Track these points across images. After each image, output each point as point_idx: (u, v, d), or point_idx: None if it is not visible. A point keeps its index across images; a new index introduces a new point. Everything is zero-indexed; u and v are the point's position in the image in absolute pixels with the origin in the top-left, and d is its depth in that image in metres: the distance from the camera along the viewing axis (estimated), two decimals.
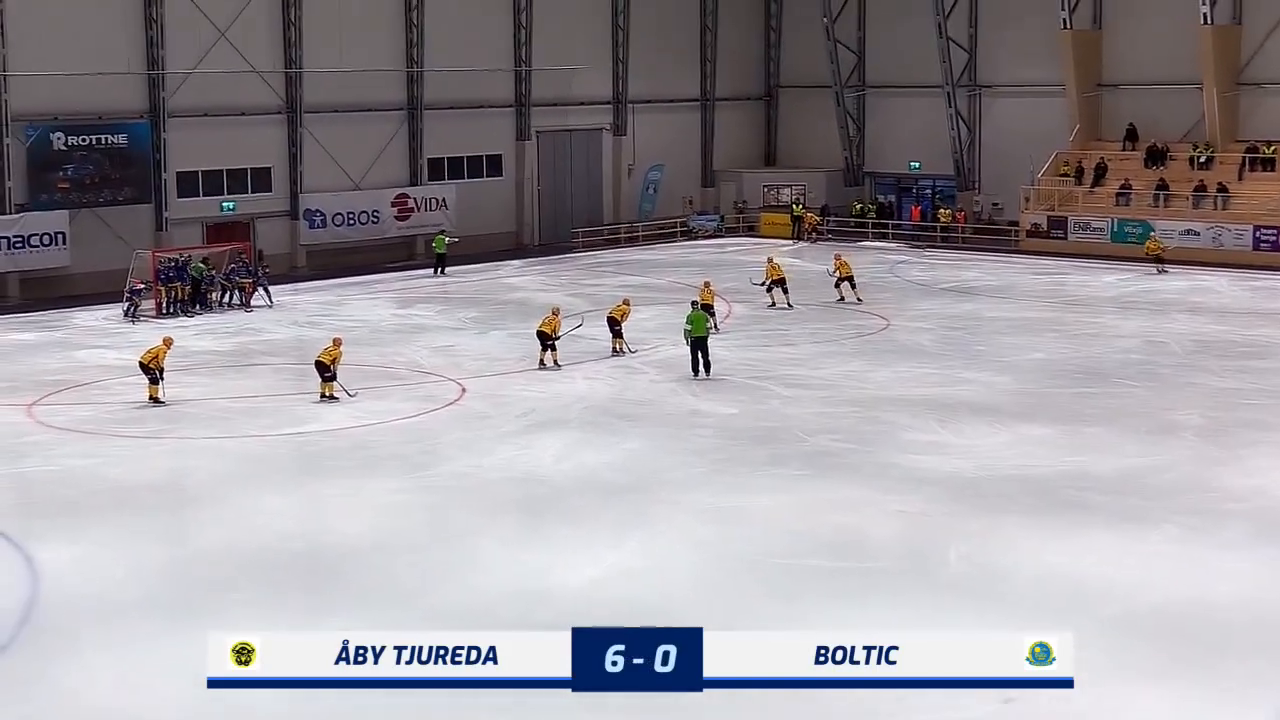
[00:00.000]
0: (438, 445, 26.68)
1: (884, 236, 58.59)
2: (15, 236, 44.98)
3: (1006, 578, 19.31)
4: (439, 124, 54.98)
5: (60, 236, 45.77)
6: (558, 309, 35.04)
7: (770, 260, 43.99)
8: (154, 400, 30.13)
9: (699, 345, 32.03)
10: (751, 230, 60.79)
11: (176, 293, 42.42)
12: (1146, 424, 27.70)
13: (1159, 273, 44.66)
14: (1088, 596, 18.53)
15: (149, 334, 36.98)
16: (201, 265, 43.29)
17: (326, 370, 30.34)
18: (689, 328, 32.04)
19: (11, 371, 34.03)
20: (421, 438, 27.24)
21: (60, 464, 25.73)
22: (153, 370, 30.31)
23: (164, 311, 41.68)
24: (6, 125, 44.72)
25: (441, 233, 51.15)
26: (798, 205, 60.52)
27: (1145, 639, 17.24)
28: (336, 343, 31.06)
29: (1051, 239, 53.81)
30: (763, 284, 42.43)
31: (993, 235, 56.60)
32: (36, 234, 45.36)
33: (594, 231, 58.73)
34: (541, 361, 33.39)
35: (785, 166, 65.55)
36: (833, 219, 60.25)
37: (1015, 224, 56.13)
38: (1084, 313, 40.90)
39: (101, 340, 38.27)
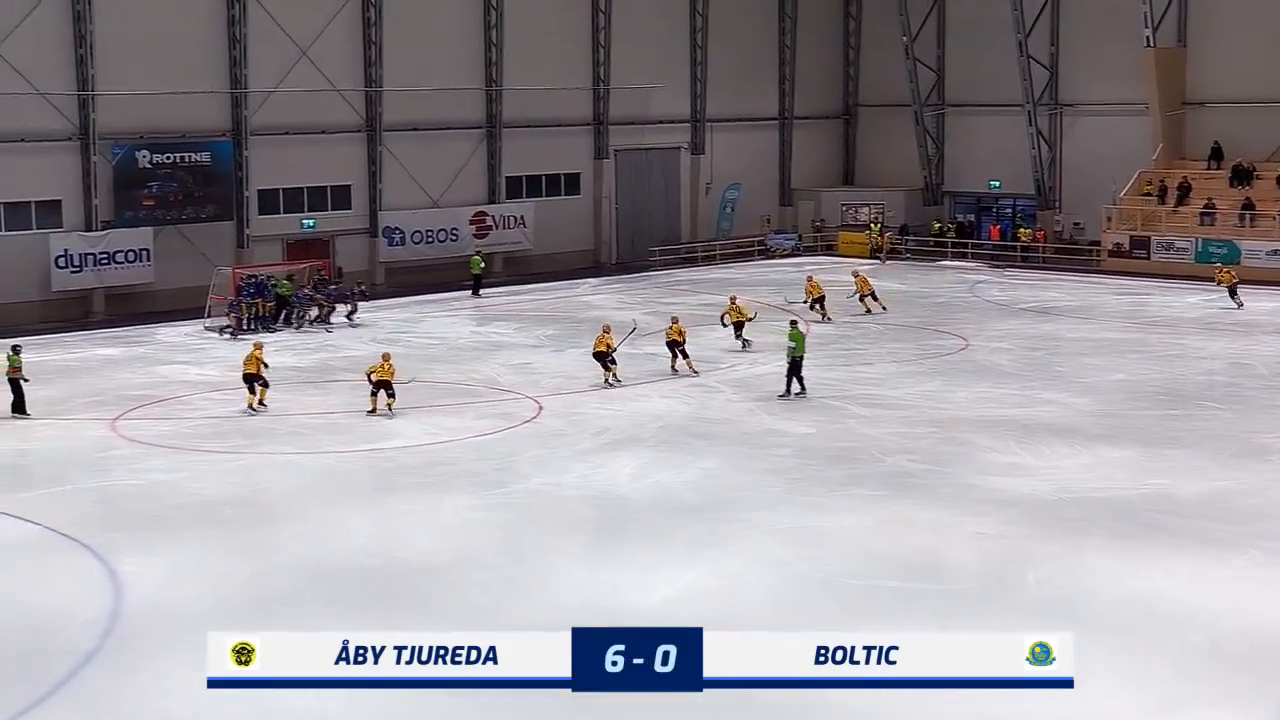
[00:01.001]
0: (514, 463, 26.78)
1: (963, 256, 58.23)
2: (101, 253, 45.68)
3: (1086, 602, 19.10)
4: (517, 142, 55.28)
5: (144, 253, 46.41)
6: (608, 326, 35.07)
7: (810, 279, 44.24)
8: (251, 409, 30.90)
9: (797, 366, 31.89)
10: (830, 249, 60.61)
11: (257, 309, 42.87)
12: (1231, 447, 27.33)
13: (1238, 307, 43.77)
14: (1170, 622, 18.29)
15: (235, 350, 37.44)
16: (287, 282, 43.68)
17: (385, 386, 30.77)
18: (792, 345, 31.86)
19: (97, 386, 34.54)
20: (498, 455, 27.35)
21: (143, 478, 26.08)
22: (258, 378, 31.14)
23: (244, 328, 42.12)
24: (94, 143, 45.43)
25: (476, 254, 50.94)
26: (875, 224, 60.29)
27: (1229, 666, 16.98)
28: (386, 358, 31.45)
29: (1134, 259, 53.25)
30: (804, 302, 42.45)
31: (1074, 255, 56.11)
32: (121, 250, 46.02)
33: (671, 250, 58.77)
34: (606, 381, 33.49)
35: (864, 185, 65.29)
36: (911, 238, 59.96)
37: (1097, 244, 55.60)
38: (1167, 334, 40.42)
39: (183, 356, 38.75)
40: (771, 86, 63.47)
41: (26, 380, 31.15)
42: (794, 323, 32.97)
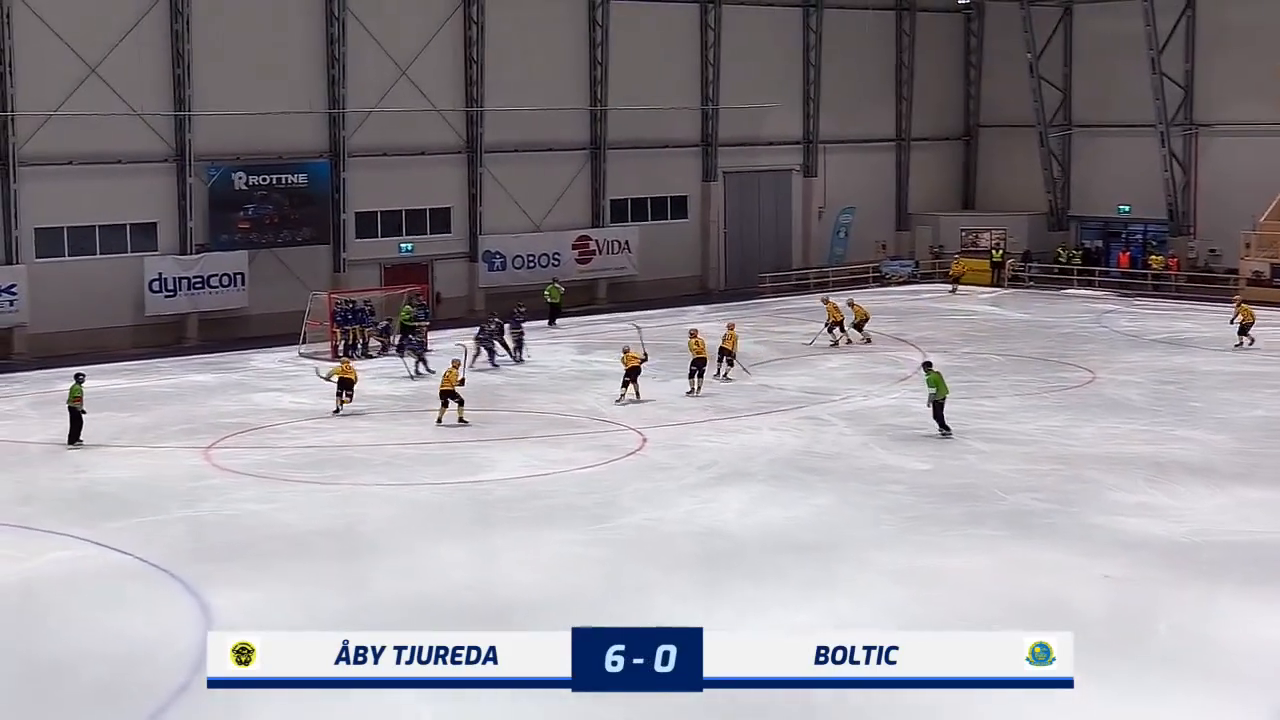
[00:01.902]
0: (616, 496, 26.81)
1: (1090, 284, 57.55)
2: (195, 277, 46.45)
3: (1222, 652, 18.73)
4: (622, 164, 55.53)
5: (239, 277, 47.13)
6: (627, 347, 36.09)
7: (828, 300, 44.15)
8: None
9: (939, 408, 31.32)
10: (948, 276, 60.18)
11: (351, 336, 43.25)
12: None
13: None
14: None
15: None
16: (410, 307, 43.80)
17: (455, 397, 32.45)
18: (933, 390, 31.40)
19: (190, 414, 35.08)
20: (599, 488, 27.40)
21: (236, 508, 26.43)
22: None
23: (339, 356, 42.44)
24: (190, 165, 46.25)
25: (553, 282, 50.65)
26: (997, 251, 59.78)
27: None
28: (456, 365, 33.16)
29: (1274, 287, 52.30)
30: (825, 328, 42.24)
31: (1209, 283, 55.25)
32: (216, 274, 46.77)
33: (782, 276, 58.67)
34: (635, 396, 35.21)
35: (985, 210, 64.77)
36: (1035, 265, 59.38)
37: (1234, 271, 54.70)
38: None
39: (277, 383, 39.22)
40: (888, 106, 63.25)
41: (85, 412, 31.61)
42: (928, 365, 32.55)
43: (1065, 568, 22.22)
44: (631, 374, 35.53)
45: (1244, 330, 42.50)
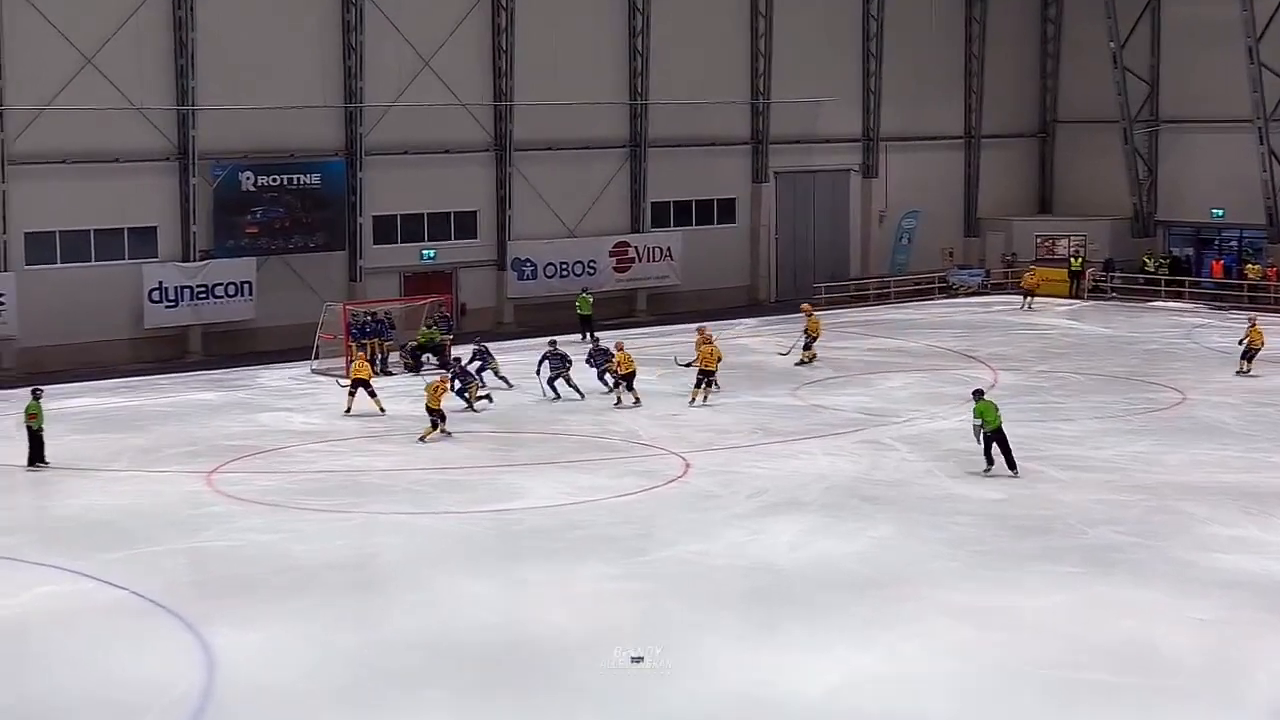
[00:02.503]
0: (657, 527, 26.77)
1: (1179, 296, 57.26)
2: (199, 286, 46.66)
3: None
4: (664, 163, 55.57)
5: (246, 286, 47.35)
6: (620, 344, 38.77)
7: (810, 313, 43.99)
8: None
9: (997, 438, 30.01)
10: (1019, 288, 59.92)
11: (370, 350, 43.21)
12: None
13: None
14: None
15: (344, 397, 37.92)
16: (425, 329, 43.59)
17: (441, 415, 33.76)
18: (978, 422, 30.09)
19: (192, 435, 35.18)
20: (639, 519, 27.36)
21: (241, 539, 26.46)
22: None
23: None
24: (193, 164, 46.47)
25: (584, 292, 50.64)
26: (1076, 259, 59.55)
27: None
28: (443, 380, 34.78)
29: None
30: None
31: None
32: (221, 283, 47.01)
33: (838, 287, 58.58)
34: (619, 400, 37.53)
35: (1062, 214, 64.59)
36: (1118, 275, 59.10)
37: None
38: None
39: (287, 402, 39.32)
40: (956, 100, 63.14)
41: (43, 429, 31.77)
42: (979, 393, 30.96)
43: (1152, 609, 22.04)
44: (628, 379, 37.61)
45: (1248, 355, 41.62)
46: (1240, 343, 42.02)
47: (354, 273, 49.55)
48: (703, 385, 37.99)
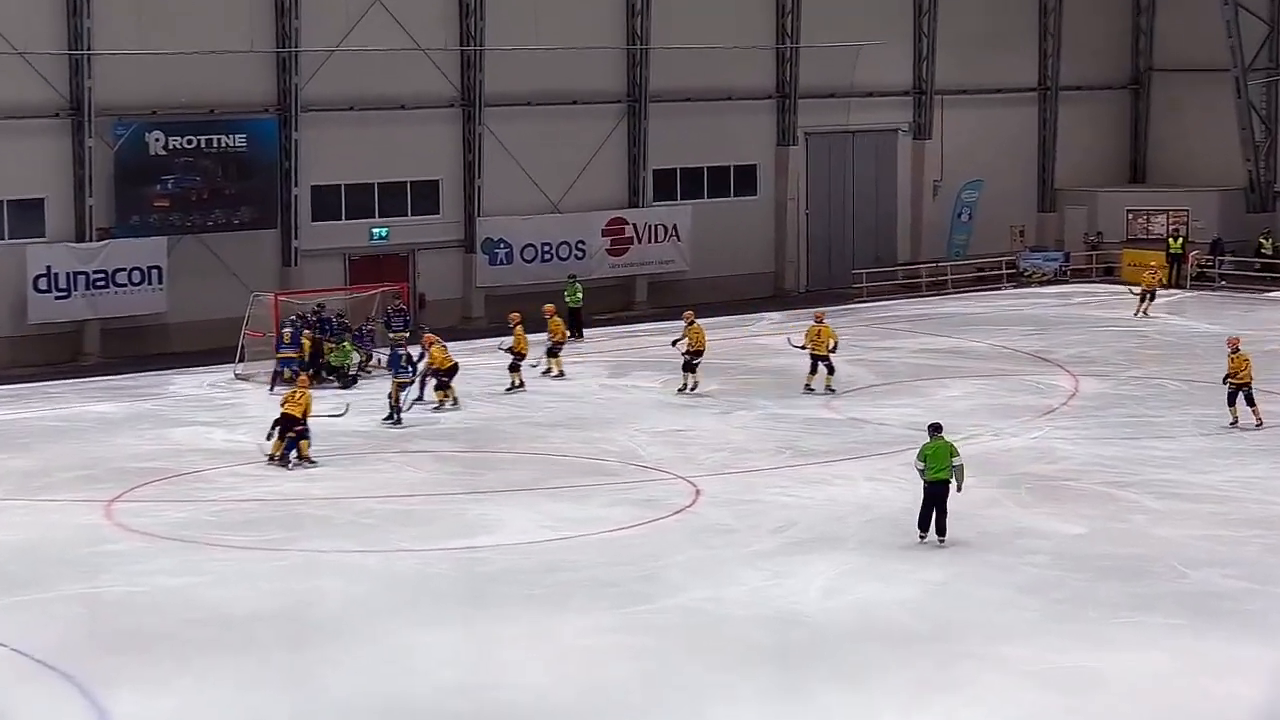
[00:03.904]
0: (660, 568, 26.76)
1: None
2: (96, 272, 46.64)
3: None
4: (669, 122, 55.57)
5: (154, 273, 47.34)
6: (431, 337, 40.03)
7: (821, 320, 42.86)
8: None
9: (934, 495, 28.06)
10: (1110, 274, 59.97)
11: (307, 350, 42.97)
12: None
13: None
14: None
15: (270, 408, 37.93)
16: (345, 349, 43.34)
17: (298, 423, 33.46)
18: (920, 466, 28.19)
19: (87, 456, 35.14)
20: (638, 558, 27.35)
21: (148, 583, 26.41)
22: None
23: (286, 379, 42.41)
24: (89, 122, 46.41)
25: (572, 279, 50.73)
26: (1176, 239, 59.55)
27: None
28: (303, 383, 34.82)
29: None
30: (801, 346, 41.38)
31: None
32: (124, 269, 46.98)
33: (883, 274, 58.60)
34: (514, 383, 41.10)
35: (1159, 184, 64.58)
36: (1228, 259, 59.08)
37: None
38: None
39: (205, 415, 39.30)
40: (1029, 44, 63.20)
41: None
42: (936, 429, 28.64)
43: (1267, 669, 22.05)
44: (449, 374, 39.24)
45: None
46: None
47: (288, 256, 49.56)
48: (690, 369, 40.34)
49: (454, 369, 39.49)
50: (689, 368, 40.69)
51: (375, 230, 51.34)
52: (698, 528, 29.15)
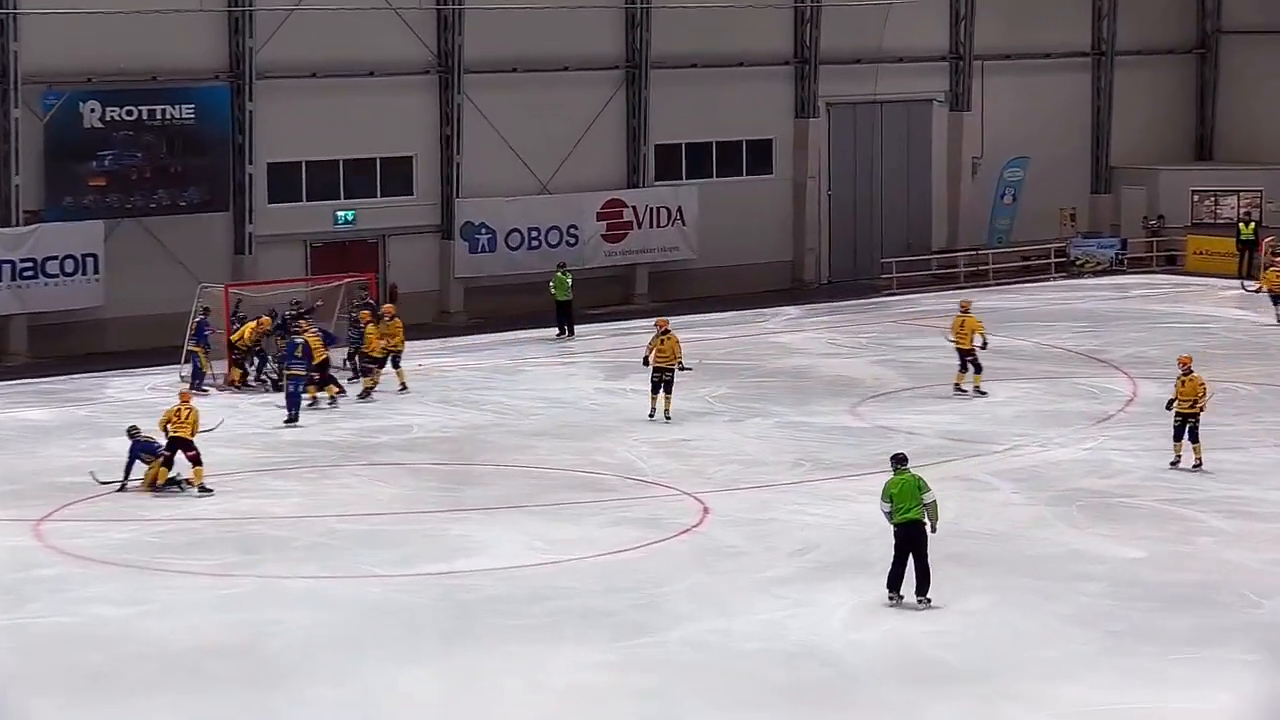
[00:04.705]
0: (662, 596, 26.77)
1: None
2: (24, 260, 46.67)
3: None
4: (673, 91, 55.60)
5: (90, 261, 47.35)
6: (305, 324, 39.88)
7: (965, 311, 42.64)
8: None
9: (909, 538, 26.60)
10: (1172, 262, 59.96)
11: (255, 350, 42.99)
12: None
13: None
14: None
15: (239, 416, 37.97)
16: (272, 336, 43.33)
17: (190, 446, 33.06)
18: (886, 507, 27.01)
19: (15, 469, 35.20)
20: (638, 584, 27.36)
21: (83, 613, 26.39)
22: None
23: (243, 382, 42.47)
24: (16, 90, 46.44)
25: (561, 269, 50.69)
26: (1247, 224, 59.55)
27: None
28: (184, 398, 34.23)
29: None
30: (954, 341, 41.21)
31: None
32: (55, 257, 47.01)
33: (916, 263, 58.62)
34: (331, 398, 40.31)
35: (1229, 160, 64.61)
36: None
37: None
38: None
39: (147, 422, 39.23)
40: (1081, 2, 63.18)
41: None
42: (899, 460, 27.67)
43: None
44: (319, 369, 39.47)
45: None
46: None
47: (242, 243, 49.56)
48: (660, 390, 38.95)
49: (325, 364, 40.25)
50: (662, 386, 38.83)
51: (340, 214, 51.39)
52: (706, 550, 29.19)
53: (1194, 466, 34.18)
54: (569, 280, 49.93)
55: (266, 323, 41.96)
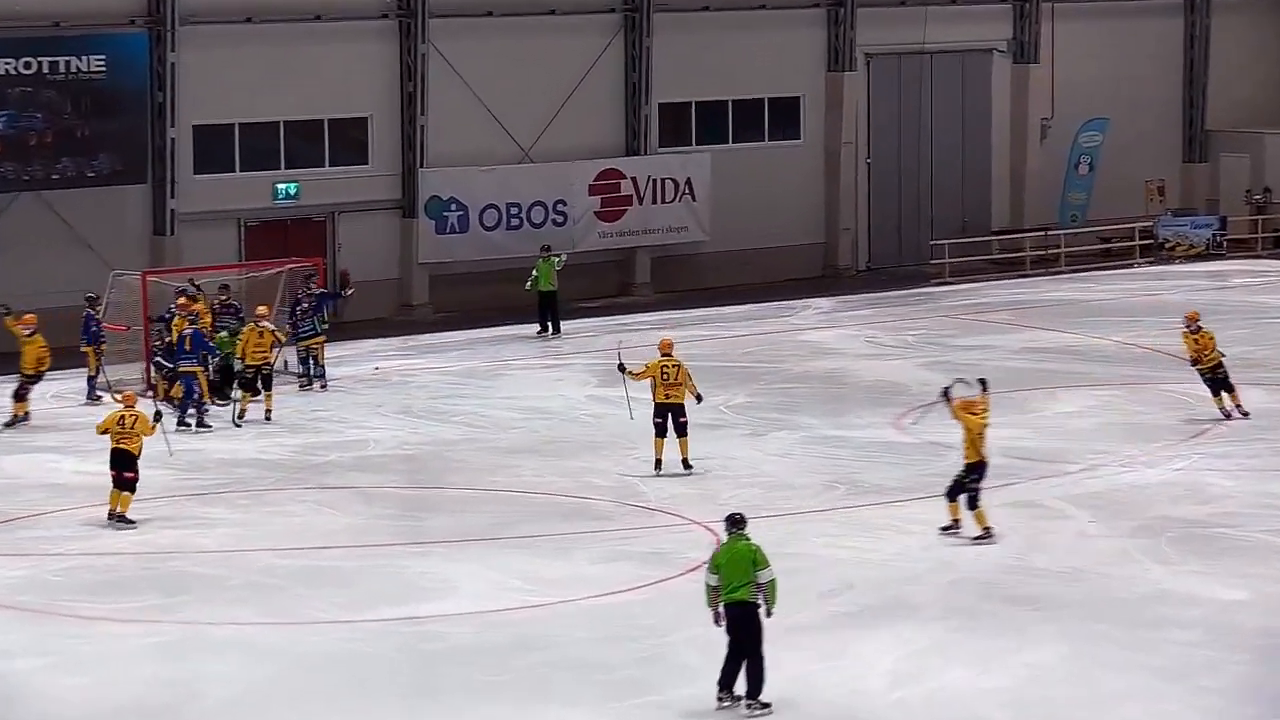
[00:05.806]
0: (667, 646, 26.84)
1: None
2: None
3: None
4: (681, 40, 55.77)
5: None
6: (263, 321, 40.64)
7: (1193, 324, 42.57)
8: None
9: (738, 624, 24.86)
10: (1278, 246, 60.09)
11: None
12: None
13: None
14: None
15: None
16: (226, 336, 43.25)
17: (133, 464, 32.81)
18: (714, 580, 24.87)
19: None
20: (638, 631, 27.45)
21: None
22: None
23: (166, 395, 42.41)
24: None
25: (547, 253, 50.61)
26: None
27: None
28: (129, 400, 33.79)
29: None
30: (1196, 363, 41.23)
31: None
32: None
33: (973, 246, 58.71)
34: (235, 417, 40.12)
35: None
36: None
37: None
38: None
39: (49, 437, 39.40)
40: None
41: None
42: (734, 522, 25.21)
43: None
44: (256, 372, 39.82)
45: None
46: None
47: (162, 221, 49.64)
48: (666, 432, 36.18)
49: (265, 367, 40.79)
50: (673, 428, 36.04)
51: (281, 187, 51.50)
52: None
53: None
54: (556, 266, 49.98)
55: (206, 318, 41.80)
